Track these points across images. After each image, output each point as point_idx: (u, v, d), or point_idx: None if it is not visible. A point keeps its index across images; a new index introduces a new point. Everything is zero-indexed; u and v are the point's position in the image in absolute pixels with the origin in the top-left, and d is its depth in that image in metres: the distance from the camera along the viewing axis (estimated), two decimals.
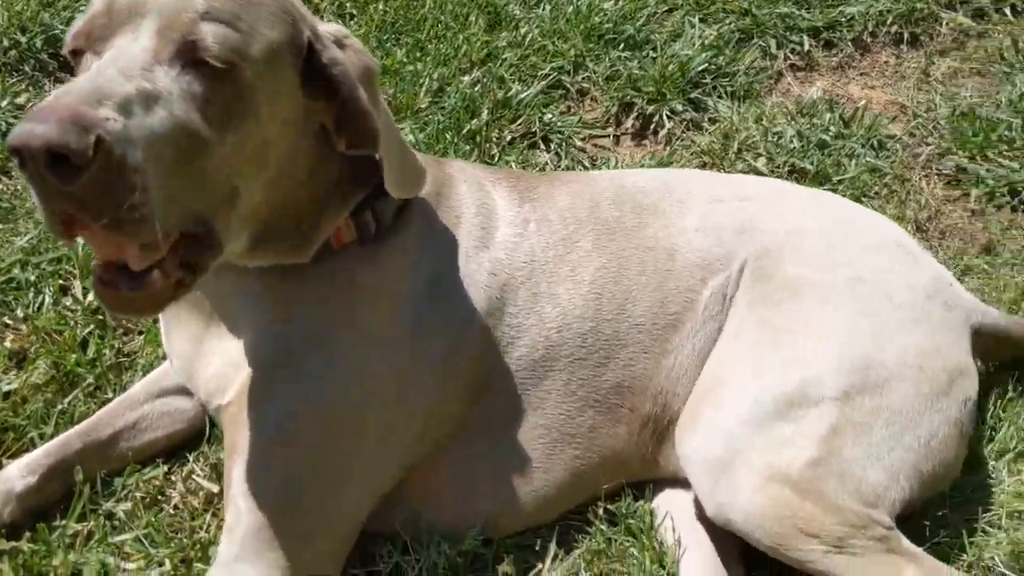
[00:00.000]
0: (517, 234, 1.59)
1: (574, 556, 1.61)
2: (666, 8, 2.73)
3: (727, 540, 1.62)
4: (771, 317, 1.59)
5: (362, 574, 1.55)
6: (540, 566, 1.59)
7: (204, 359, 1.50)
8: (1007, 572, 1.63)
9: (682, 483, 1.67)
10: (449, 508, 1.56)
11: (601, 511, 1.63)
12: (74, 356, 1.77)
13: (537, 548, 1.62)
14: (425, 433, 1.51)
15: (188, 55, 1.13)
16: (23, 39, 2.37)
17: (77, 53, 1.18)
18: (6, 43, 2.35)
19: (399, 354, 1.44)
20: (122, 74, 1.09)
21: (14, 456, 1.65)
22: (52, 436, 1.66)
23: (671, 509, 1.67)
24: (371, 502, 1.48)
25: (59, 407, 1.70)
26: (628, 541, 1.63)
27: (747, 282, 1.64)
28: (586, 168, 2.34)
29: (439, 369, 1.48)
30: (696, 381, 1.63)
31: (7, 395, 1.72)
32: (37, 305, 1.87)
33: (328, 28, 1.32)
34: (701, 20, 2.68)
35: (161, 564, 1.53)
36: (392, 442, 1.47)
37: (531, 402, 1.56)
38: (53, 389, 1.73)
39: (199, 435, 1.71)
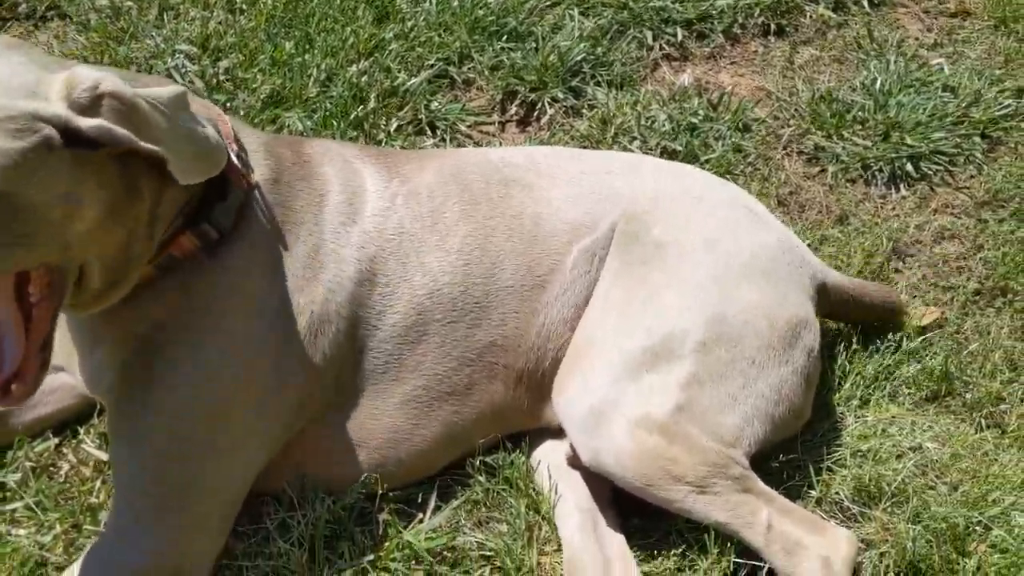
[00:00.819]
0: (385, 208, 1.68)
1: (453, 506, 1.71)
2: (548, 3, 2.85)
3: (600, 486, 1.74)
4: (638, 275, 1.72)
5: (250, 531, 1.62)
6: (421, 515, 1.69)
7: (74, 355, 1.57)
8: (851, 505, 1.79)
9: (557, 433, 1.79)
10: (333, 466, 1.65)
11: (479, 463, 1.74)
12: None
13: (419, 500, 1.72)
14: (303, 404, 1.59)
15: None
16: None
17: None
18: None
19: (265, 342, 1.52)
20: None
21: None
22: None
23: (546, 459, 1.79)
24: (257, 463, 1.57)
25: None
26: (505, 490, 1.74)
27: (616, 244, 1.77)
28: None
29: (310, 344, 1.56)
30: (568, 337, 1.75)
31: None
32: None
33: (79, 90, 1.28)
34: (581, 14, 2.82)
35: (51, 528, 1.58)
36: (268, 418, 1.55)
37: (408, 364, 1.66)
38: None
39: (90, 409, 1.76)
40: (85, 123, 1.26)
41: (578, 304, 1.75)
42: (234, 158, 1.51)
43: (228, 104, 2.36)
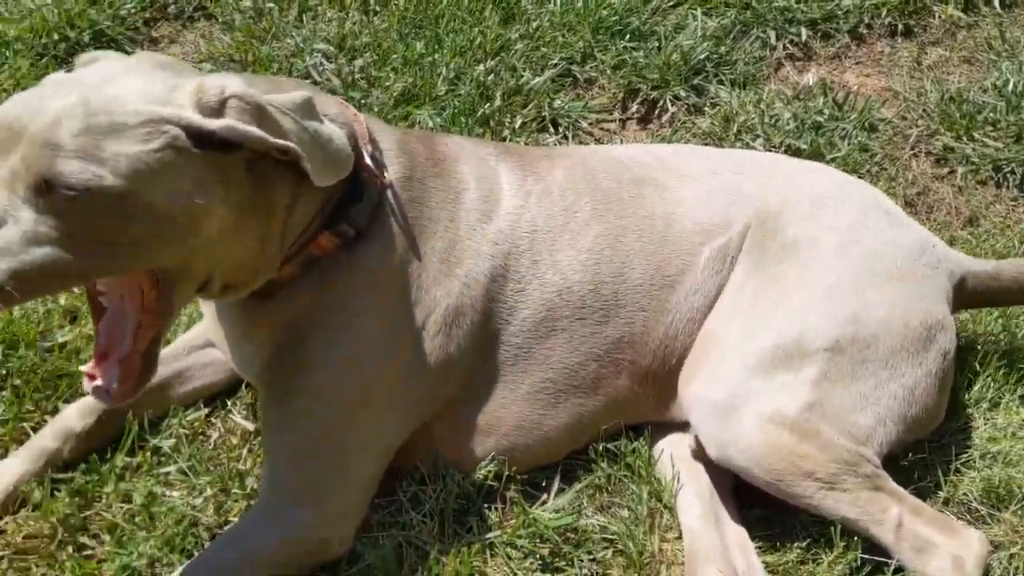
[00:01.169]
0: (519, 206, 1.73)
1: (576, 489, 1.75)
2: (671, 3, 2.88)
3: (721, 477, 1.76)
4: (771, 275, 1.73)
5: (384, 503, 1.70)
6: (545, 496, 1.74)
7: (231, 336, 1.68)
8: (980, 506, 1.76)
9: (679, 426, 1.82)
10: (464, 449, 1.72)
11: (601, 448, 1.78)
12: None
13: (543, 483, 1.77)
14: (437, 391, 1.66)
15: (45, 189, 1.28)
16: (72, 34, 2.55)
17: None
18: (56, 37, 2.53)
19: (403, 324, 1.60)
20: None
21: (67, 401, 1.82)
22: None
23: (669, 448, 1.81)
24: (395, 443, 1.66)
25: None
26: (627, 477, 1.78)
27: (749, 245, 1.78)
28: None
29: (444, 335, 1.63)
30: (697, 335, 1.77)
31: (62, 346, 1.89)
32: None
33: (208, 96, 1.35)
34: (704, 14, 2.83)
35: (202, 491, 1.69)
36: (404, 402, 1.63)
37: (536, 358, 1.71)
38: None
39: (238, 383, 1.87)
40: (213, 124, 1.33)
41: (707, 305, 1.77)
42: (368, 159, 1.58)
43: (363, 101, 2.46)
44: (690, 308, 1.76)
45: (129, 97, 1.33)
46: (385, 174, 1.61)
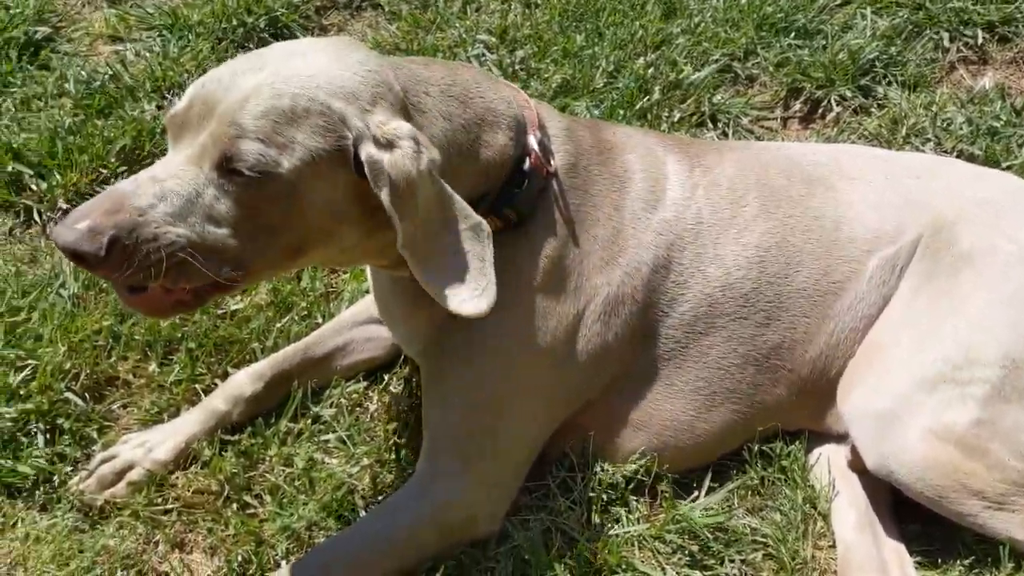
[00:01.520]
0: (686, 197, 1.71)
1: (729, 488, 1.72)
2: (838, 2, 2.79)
3: (879, 488, 1.70)
4: (944, 286, 1.66)
5: (532, 487, 1.71)
6: (697, 494, 1.72)
7: (396, 312, 1.71)
8: None
9: (835, 438, 1.76)
10: (615, 440, 1.71)
11: (756, 450, 1.74)
12: (289, 286, 2.02)
13: (693, 478, 1.74)
14: (591, 378, 1.66)
15: (227, 166, 1.32)
16: (249, 20, 2.67)
17: (166, 132, 1.42)
18: (235, 22, 2.66)
19: (563, 308, 1.60)
20: (155, 180, 1.32)
21: (237, 366, 1.91)
22: (271, 350, 1.91)
23: (825, 454, 1.76)
24: (549, 428, 1.67)
25: (277, 326, 1.95)
26: (781, 480, 1.74)
27: (921, 255, 1.70)
28: None
29: (603, 323, 1.62)
30: (858, 346, 1.71)
31: (233, 313, 1.98)
32: None
33: (389, 128, 1.36)
34: (874, 13, 2.74)
35: (359, 461, 1.74)
36: (561, 386, 1.64)
37: (693, 355, 1.69)
38: (272, 311, 1.98)
39: (396, 358, 1.92)
40: (368, 152, 1.34)
41: (872, 315, 1.70)
42: (535, 145, 1.59)
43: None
44: (854, 317, 1.70)
45: (317, 82, 1.36)
46: (551, 161, 1.62)
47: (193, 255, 1.31)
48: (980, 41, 2.69)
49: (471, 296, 1.42)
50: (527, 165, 1.57)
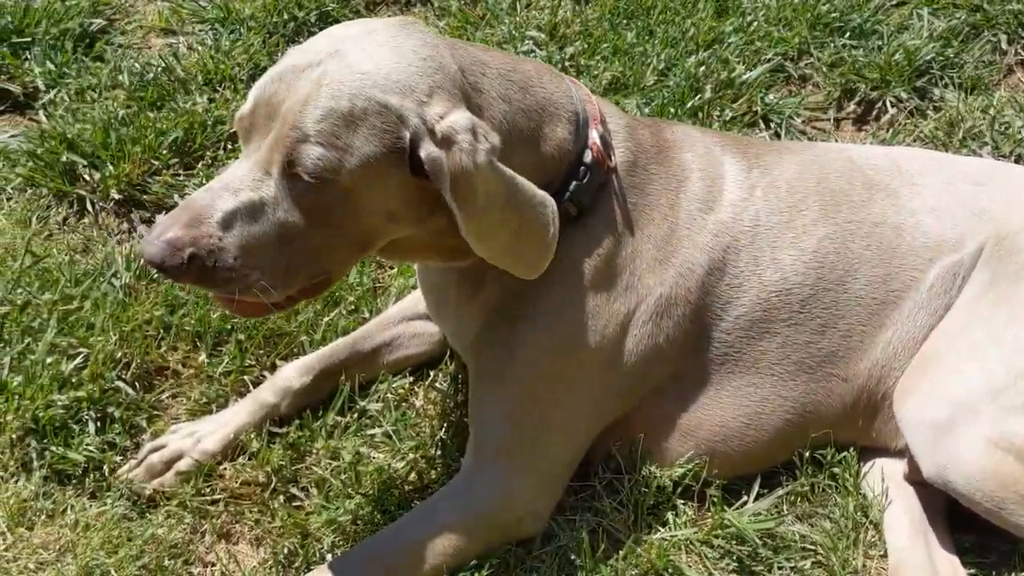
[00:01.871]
0: (743, 199, 1.68)
1: (778, 494, 1.70)
2: (895, 2, 2.75)
3: (934, 498, 1.67)
4: (1005, 294, 1.62)
5: (578, 487, 1.70)
6: (745, 498, 1.70)
7: (445, 307, 1.71)
8: None
9: (890, 453, 1.72)
10: (663, 443, 1.69)
11: (807, 456, 1.71)
12: (335, 284, 2.02)
13: (741, 485, 1.72)
14: (642, 379, 1.64)
15: (290, 169, 1.34)
16: (300, 14, 2.68)
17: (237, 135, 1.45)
18: (286, 16, 2.67)
19: (615, 307, 1.58)
20: (228, 189, 1.35)
21: (285, 359, 1.91)
22: (319, 343, 1.91)
23: (879, 462, 1.73)
24: (596, 427, 1.65)
25: (325, 320, 1.96)
26: (831, 487, 1.71)
27: (984, 264, 1.66)
28: None
29: (655, 323, 1.60)
30: (915, 358, 1.66)
31: None
32: None
33: (446, 123, 1.36)
34: (931, 13, 2.69)
35: (404, 456, 1.74)
36: (611, 385, 1.62)
37: (746, 360, 1.66)
38: (320, 305, 1.98)
39: (442, 355, 1.92)
40: (427, 150, 1.34)
41: (931, 324, 1.67)
42: (597, 139, 1.57)
43: None
44: (912, 327, 1.67)
45: (373, 79, 1.36)
46: (612, 157, 1.60)
47: (269, 282, 1.36)
48: None
49: (528, 267, 1.47)
50: (588, 159, 1.56)
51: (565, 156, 1.55)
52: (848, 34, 2.63)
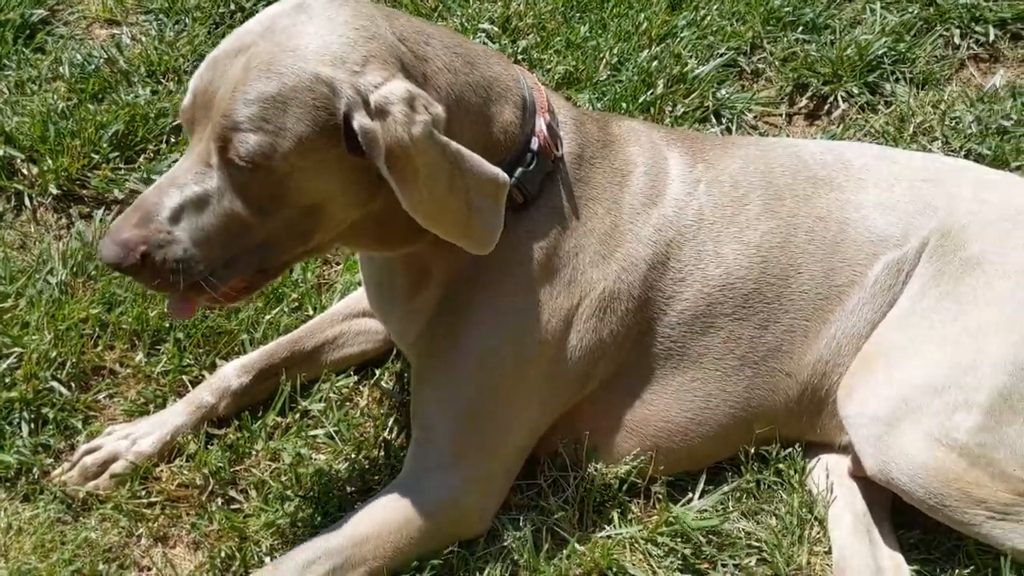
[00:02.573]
0: (687, 193, 1.67)
1: (724, 491, 1.69)
2: None
3: (877, 494, 1.66)
4: (950, 290, 1.61)
5: (524, 485, 1.68)
6: (691, 495, 1.68)
7: (389, 303, 1.68)
8: None
9: (836, 449, 1.72)
10: (608, 439, 1.67)
11: (752, 452, 1.70)
12: (280, 276, 1.98)
13: (687, 481, 1.71)
14: (586, 374, 1.62)
15: (226, 158, 1.34)
16: (247, 4, 2.62)
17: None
18: (232, 6, 2.60)
19: (558, 302, 1.56)
20: (174, 185, 1.37)
21: (225, 357, 1.87)
22: (260, 341, 1.88)
23: (823, 458, 1.72)
24: (541, 425, 1.63)
25: (267, 317, 1.92)
26: (777, 484, 1.70)
27: (927, 260, 1.66)
28: None
29: (598, 318, 1.59)
30: (859, 353, 1.66)
31: None
32: None
33: (380, 93, 1.33)
34: (883, 8, 2.69)
35: (347, 457, 1.70)
36: (556, 378, 1.60)
37: (690, 356, 1.65)
38: (262, 302, 1.94)
39: (387, 353, 1.88)
40: (361, 122, 1.32)
41: (874, 320, 1.66)
42: (544, 128, 1.55)
43: None
44: (855, 323, 1.66)
45: (303, 53, 1.33)
46: (559, 146, 1.58)
47: (215, 273, 1.37)
48: (992, 38, 2.65)
49: (480, 243, 1.45)
50: (535, 146, 1.54)
51: (512, 140, 1.52)
52: (801, 28, 2.63)
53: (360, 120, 1.32)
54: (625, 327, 1.61)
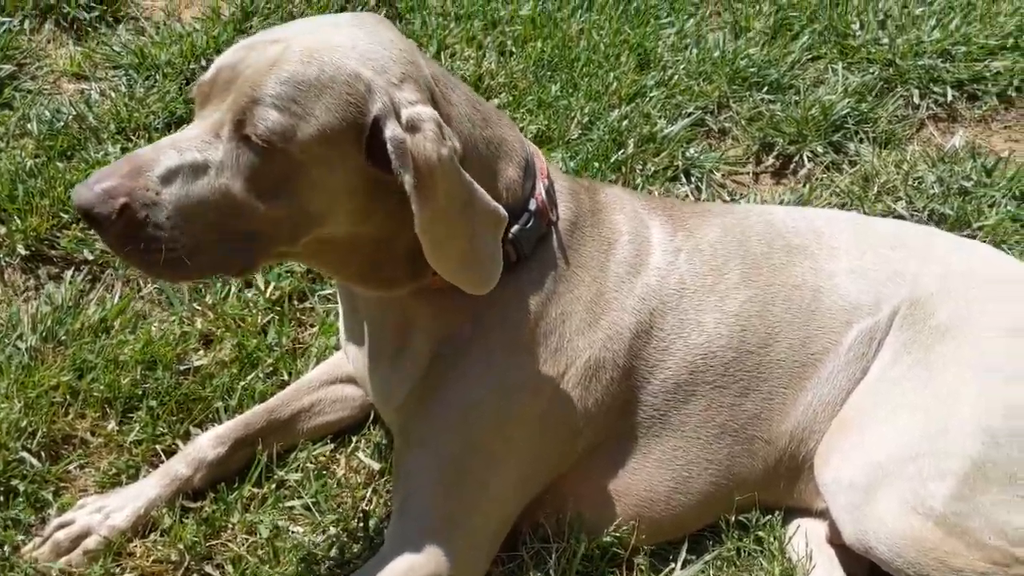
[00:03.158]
0: (669, 262, 1.69)
1: (705, 560, 1.69)
2: (810, 56, 2.81)
3: (855, 564, 1.68)
4: (920, 357, 1.64)
5: (505, 557, 1.67)
6: (673, 565, 1.69)
7: (374, 362, 1.66)
8: None
9: (815, 514, 1.73)
10: (590, 511, 1.67)
11: (732, 520, 1.71)
12: (255, 340, 1.96)
13: (669, 550, 1.71)
14: (570, 444, 1.62)
15: (240, 131, 1.31)
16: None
17: (193, 102, 1.41)
18: (204, 63, 2.60)
19: (545, 368, 1.57)
20: (174, 147, 1.32)
21: (199, 425, 1.85)
22: (235, 409, 1.85)
23: (803, 524, 1.74)
24: (525, 497, 1.62)
25: (242, 383, 1.90)
26: (758, 551, 1.71)
27: (898, 328, 1.69)
28: (725, 202, 2.44)
29: (583, 386, 1.59)
30: (834, 420, 1.68)
31: (197, 370, 1.92)
32: (224, 294, 2.08)
33: (414, 110, 1.34)
34: (845, 68, 2.76)
35: (325, 530, 1.68)
36: (542, 447, 1.60)
37: (673, 424, 1.66)
38: (237, 367, 1.92)
39: (365, 420, 1.87)
40: (392, 132, 1.32)
41: (849, 388, 1.69)
42: (543, 191, 1.58)
43: None
44: (831, 390, 1.69)
45: (349, 52, 1.35)
46: (555, 211, 1.60)
47: (193, 254, 1.31)
48: (950, 99, 2.72)
49: (481, 281, 1.43)
50: (534, 206, 1.55)
51: (513, 197, 1.54)
52: (766, 88, 2.68)
53: (393, 129, 1.33)
54: (610, 396, 1.62)
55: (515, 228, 1.52)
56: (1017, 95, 2.77)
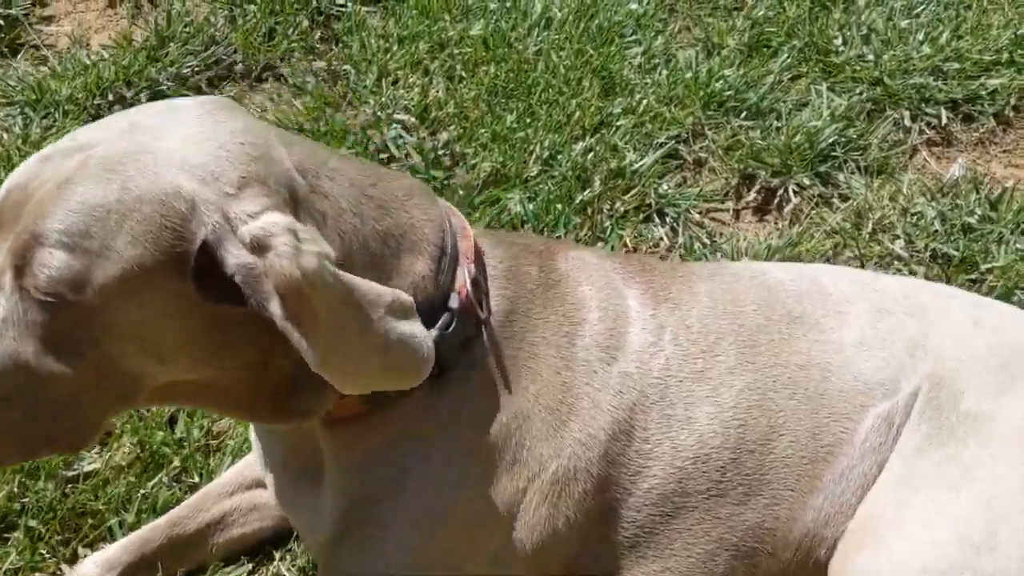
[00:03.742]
0: (651, 343, 1.40)
1: None
2: (791, 75, 2.56)
3: None
4: (952, 452, 1.38)
5: None
6: None
7: (293, 490, 1.38)
8: None
9: None
10: None
11: None
12: (161, 434, 1.66)
13: None
14: (539, 568, 1.34)
15: (20, 282, 1.00)
16: (128, 93, 2.32)
17: None
18: (111, 97, 2.31)
19: (499, 492, 1.28)
20: None
21: (90, 545, 1.55)
22: (132, 524, 1.55)
23: None
24: None
25: (142, 491, 1.59)
26: None
27: (920, 412, 1.42)
28: (704, 245, 2.17)
29: (551, 504, 1.31)
30: (849, 523, 1.41)
31: (88, 476, 1.62)
32: None
33: (257, 224, 1.01)
34: (829, 89, 2.51)
35: None
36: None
37: (659, 542, 1.37)
38: (137, 471, 1.62)
39: (289, 533, 1.57)
40: (236, 256, 1.00)
41: (865, 485, 1.41)
42: (468, 281, 1.27)
43: (447, 182, 2.18)
44: (845, 489, 1.41)
45: (165, 159, 1.02)
46: (483, 305, 1.30)
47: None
48: (944, 121, 2.48)
49: (410, 377, 1.15)
50: (456, 303, 1.25)
51: (424, 295, 1.22)
52: (744, 113, 2.42)
53: (235, 254, 1.00)
54: (583, 513, 1.33)
55: (433, 334, 1.20)
56: (1015, 115, 2.54)
